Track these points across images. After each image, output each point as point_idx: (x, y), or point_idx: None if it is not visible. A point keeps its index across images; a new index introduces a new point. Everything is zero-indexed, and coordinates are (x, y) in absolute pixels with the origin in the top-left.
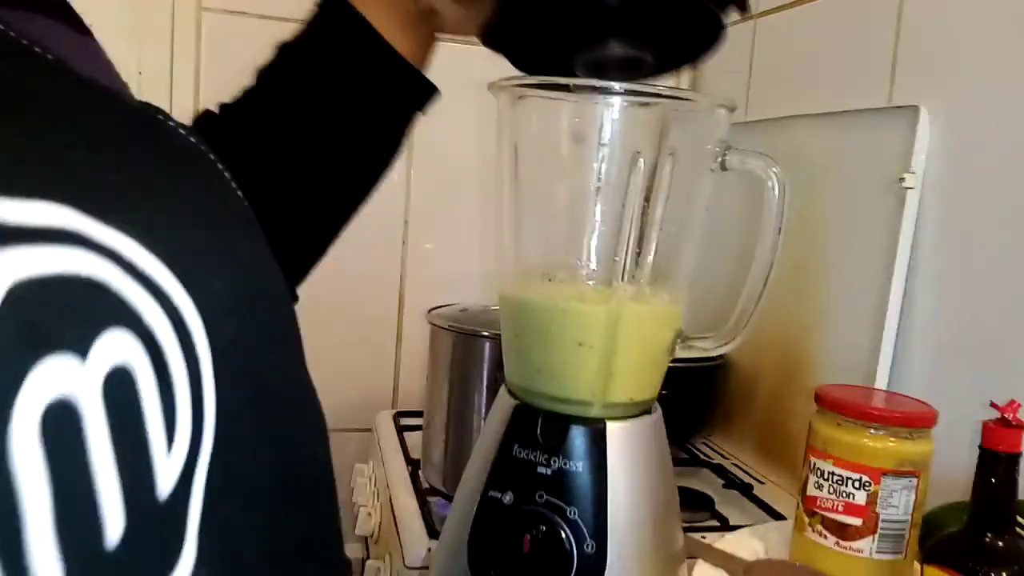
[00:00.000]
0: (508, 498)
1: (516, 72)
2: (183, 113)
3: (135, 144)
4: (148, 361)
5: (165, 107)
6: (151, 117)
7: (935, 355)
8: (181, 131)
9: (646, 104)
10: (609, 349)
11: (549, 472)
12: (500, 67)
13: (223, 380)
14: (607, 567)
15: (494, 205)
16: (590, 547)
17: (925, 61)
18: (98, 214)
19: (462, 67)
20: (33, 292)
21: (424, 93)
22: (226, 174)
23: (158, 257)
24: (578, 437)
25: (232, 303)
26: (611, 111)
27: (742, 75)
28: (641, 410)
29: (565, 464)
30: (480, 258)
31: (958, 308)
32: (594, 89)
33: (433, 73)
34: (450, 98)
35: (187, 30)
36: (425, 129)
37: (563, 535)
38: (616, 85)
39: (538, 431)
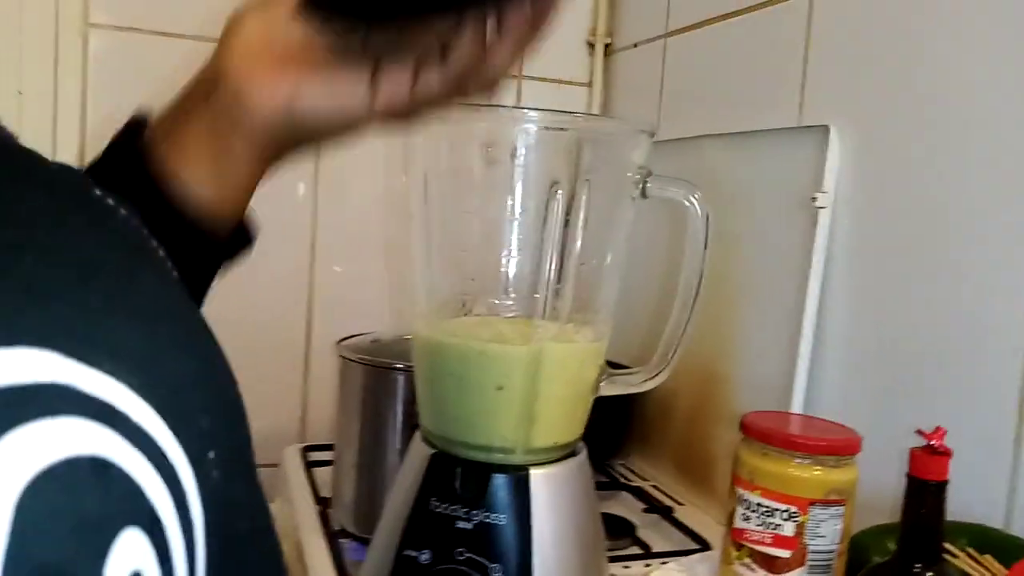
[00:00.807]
0: (425, 557)
1: None
2: (69, 137)
3: (87, 240)
4: (155, 558)
5: (48, 130)
6: (86, 194)
7: (850, 374)
8: (110, 202)
9: (562, 128)
10: (531, 392)
11: (470, 526)
12: None
13: (210, 535)
14: None
15: (403, 235)
16: None
17: (834, 81)
18: (81, 355)
19: None
20: (39, 504)
21: (227, 248)
22: (161, 252)
23: (146, 400)
24: (500, 487)
25: (215, 438)
26: (526, 137)
27: (653, 95)
28: (566, 452)
29: (487, 517)
30: (388, 292)
31: (871, 327)
32: (509, 113)
33: None
34: None
35: (72, 47)
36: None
37: None
38: (530, 111)
39: (457, 482)
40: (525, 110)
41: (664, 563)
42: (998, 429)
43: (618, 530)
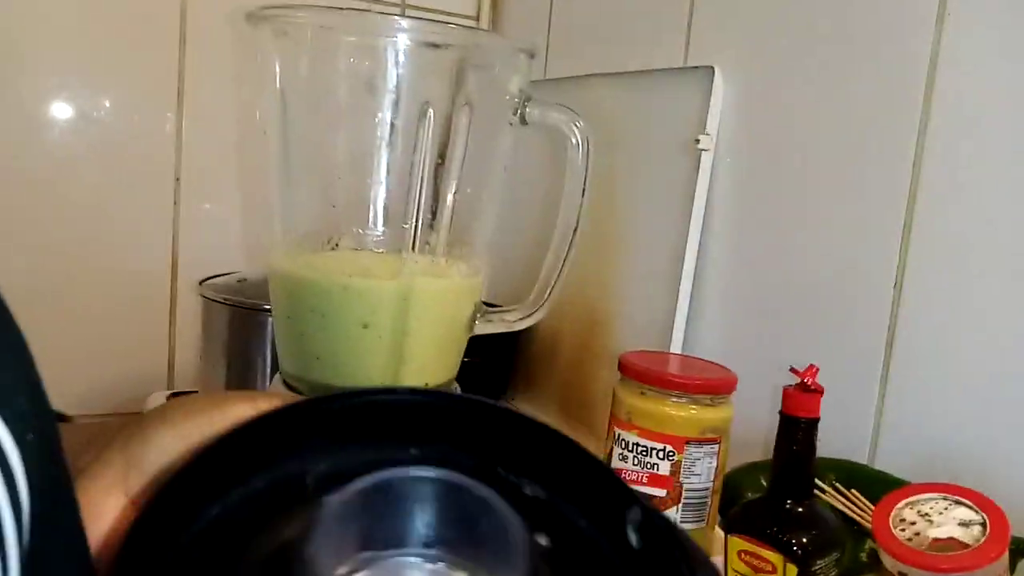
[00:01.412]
0: None
1: None
2: None
3: None
4: None
5: None
6: None
7: (729, 315)
8: None
9: (438, 45)
10: (400, 330)
11: None
12: None
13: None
14: None
15: (259, 160)
16: None
17: (720, 22)
18: None
19: None
20: None
21: None
22: None
23: None
24: None
25: (29, 419)
26: (396, 50)
27: (541, 31)
28: None
29: None
30: (244, 226)
31: (749, 269)
32: (376, 20)
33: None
34: (216, 32)
35: None
36: (196, 73)
37: None
38: (401, 20)
39: None
40: (396, 18)
41: None
42: (866, 367)
43: None
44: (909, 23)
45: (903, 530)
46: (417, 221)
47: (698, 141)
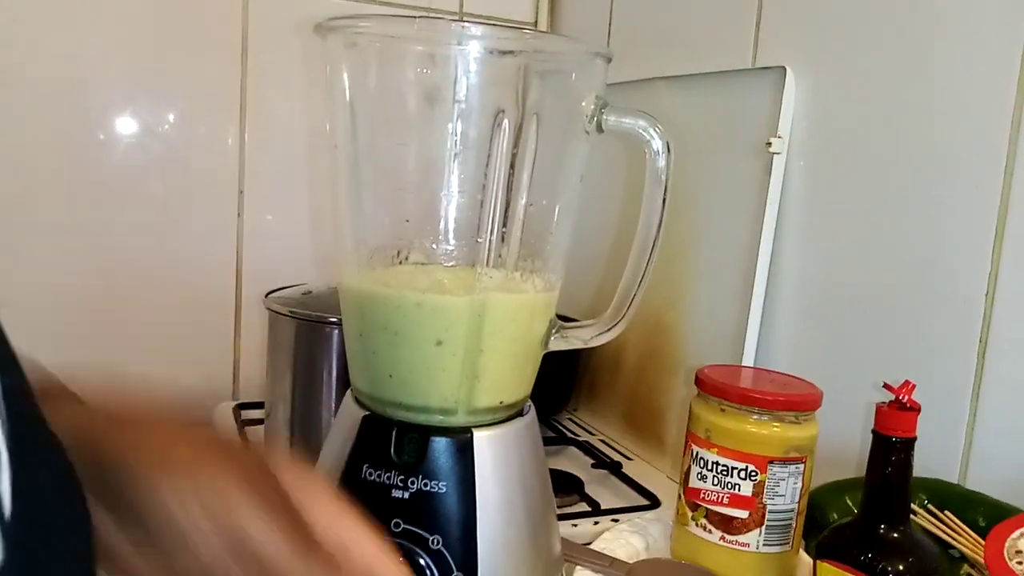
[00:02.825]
0: None
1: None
2: None
3: None
4: None
5: None
6: None
7: (803, 325)
8: None
9: (508, 52)
10: (474, 347)
11: (406, 495)
12: (332, 1)
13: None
14: None
15: (328, 174)
16: None
17: (791, 20)
18: None
19: (286, 1)
20: None
21: None
22: None
23: None
24: (440, 452)
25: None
26: (466, 58)
27: (601, 35)
28: (512, 413)
29: (425, 485)
30: (314, 239)
31: (826, 277)
32: (446, 28)
33: (254, 9)
34: (278, 42)
35: None
36: (258, 84)
37: (425, 569)
38: (472, 27)
39: (392, 447)
40: (467, 24)
41: (615, 521)
42: (956, 380)
43: (566, 487)
44: (997, 10)
45: (1020, 563)
46: (491, 235)
47: (769, 144)
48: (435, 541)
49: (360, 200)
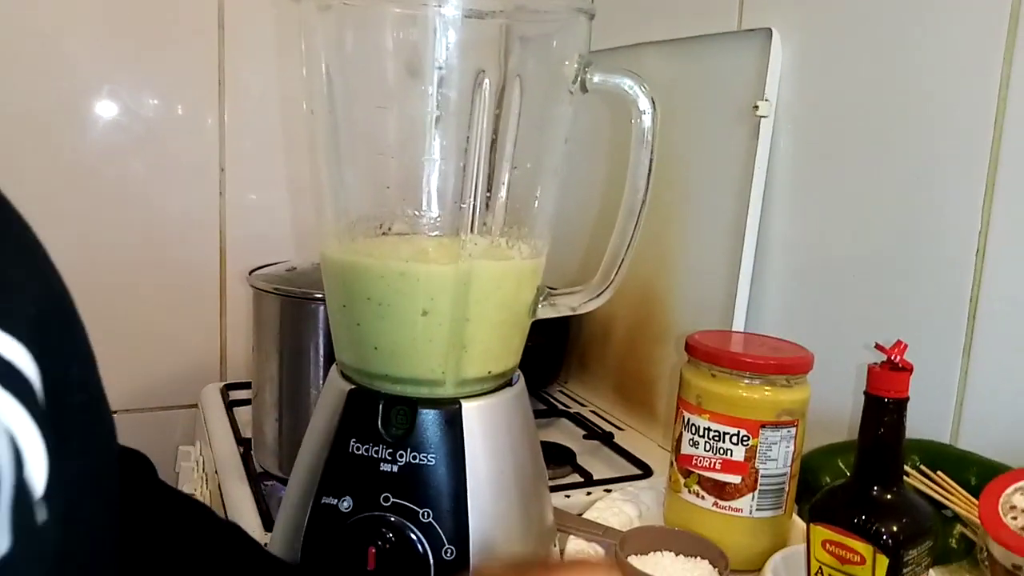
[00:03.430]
0: (346, 504)
1: None
2: None
3: None
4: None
5: None
6: None
7: (793, 289)
8: None
9: (488, 12)
10: (461, 316)
11: (395, 469)
12: None
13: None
14: (470, 571)
15: (307, 143)
16: (449, 553)
17: None
18: None
19: None
20: None
21: None
22: None
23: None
24: (428, 424)
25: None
26: (444, 19)
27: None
28: (501, 383)
29: (414, 458)
30: (294, 214)
31: (815, 240)
32: None
33: None
34: (255, 16)
35: None
36: (236, 62)
37: (416, 543)
38: None
39: (379, 420)
40: None
41: (607, 491)
42: (947, 340)
43: (558, 458)
44: None
45: (1015, 518)
46: (475, 201)
47: (756, 107)
48: (425, 514)
49: (340, 169)
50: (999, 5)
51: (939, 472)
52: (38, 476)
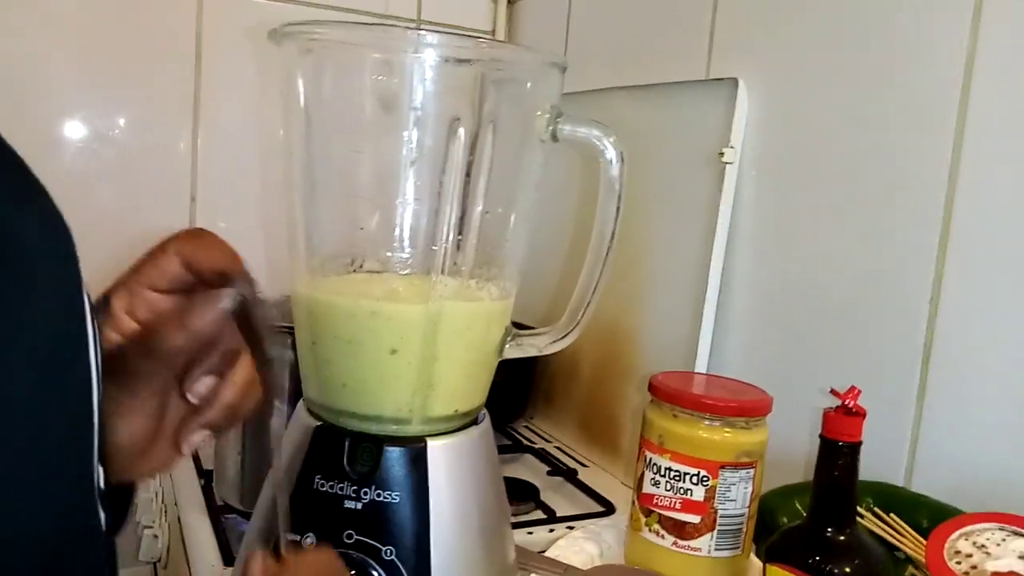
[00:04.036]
0: (309, 540)
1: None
2: None
3: None
4: None
5: None
6: None
7: (755, 333)
8: None
9: (465, 60)
10: (430, 355)
11: (359, 506)
12: (286, 8)
13: None
14: None
15: (282, 181)
16: None
17: (743, 31)
18: None
19: (239, 8)
20: None
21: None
22: None
23: None
24: (394, 461)
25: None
26: (422, 66)
27: (558, 46)
28: (467, 421)
29: (379, 495)
30: (266, 247)
31: (777, 286)
32: (403, 36)
33: (208, 16)
34: (232, 49)
35: None
36: (212, 91)
37: None
38: (428, 35)
39: (345, 458)
40: (423, 32)
41: (570, 528)
42: (901, 385)
43: (521, 494)
44: (942, 28)
45: (959, 563)
46: (447, 243)
47: (722, 154)
48: (388, 552)
49: (314, 207)
50: (954, 61)
51: (892, 514)
52: None
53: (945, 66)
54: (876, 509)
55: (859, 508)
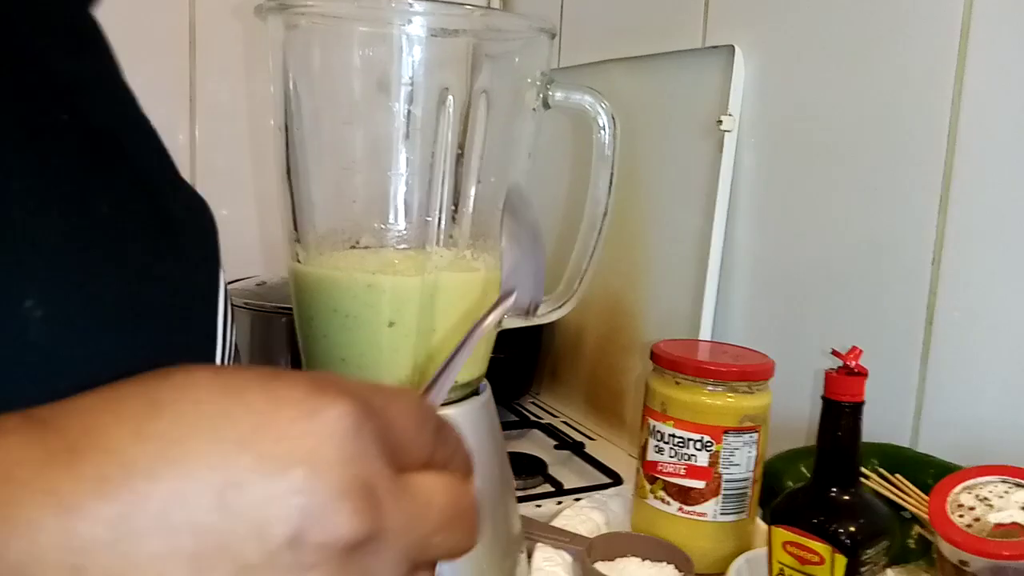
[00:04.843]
0: None
1: None
2: None
3: None
4: None
5: None
6: None
7: (758, 299)
8: None
9: (455, 30)
10: (427, 327)
11: None
12: None
13: None
14: None
15: (275, 160)
16: None
17: (738, 0)
18: None
19: None
20: None
21: None
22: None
23: None
24: None
25: None
26: (411, 37)
27: (552, 19)
28: (468, 392)
29: None
30: (262, 229)
31: (779, 250)
32: (389, 8)
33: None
34: (226, 33)
35: None
36: (206, 76)
37: None
38: (415, 4)
39: None
40: (410, 3)
41: (577, 499)
42: (906, 346)
43: (529, 469)
44: None
45: (961, 516)
46: (441, 214)
47: (720, 122)
48: None
49: (307, 183)
50: (950, 24)
51: (897, 475)
52: None
53: (943, 29)
54: (881, 470)
55: (864, 469)
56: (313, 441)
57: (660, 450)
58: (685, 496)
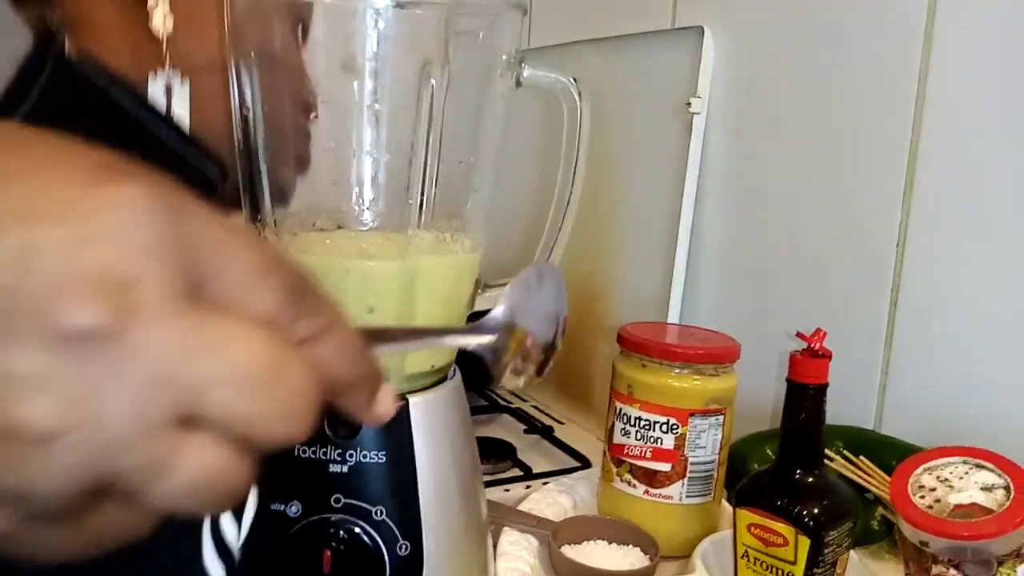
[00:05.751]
0: (295, 509)
1: None
2: None
3: None
4: None
5: None
6: None
7: (726, 283)
8: None
9: (421, 3)
10: (406, 312)
11: (344, 469)
12: None
13: None
14: (424, 566)
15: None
16: (404, 548)
17: None
18: None
19: None
20: None
21: None
22: None
23: None
24: None
25: None
26: (378, 12)
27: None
28: (441, 377)
29: (364, 456)
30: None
31: (747, 234)
32: None
33: None
34: None
35: None
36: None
37: (370, 542)
38: None
39: (325, 421)
40: None
41: (545, 483)
42: (870, 329)
43: (499, 453)
44: None
45: (923, 497)
46: (421, 196)
47: (689, 104)
48: (378, 512)
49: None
50: (917, 9)
51: (861, 457)
52: None
53: (910, 12)
54: (846, 452)
55: (829, 451)
56: (84, 209)
57: (626, 433)
58: (651, 479)
